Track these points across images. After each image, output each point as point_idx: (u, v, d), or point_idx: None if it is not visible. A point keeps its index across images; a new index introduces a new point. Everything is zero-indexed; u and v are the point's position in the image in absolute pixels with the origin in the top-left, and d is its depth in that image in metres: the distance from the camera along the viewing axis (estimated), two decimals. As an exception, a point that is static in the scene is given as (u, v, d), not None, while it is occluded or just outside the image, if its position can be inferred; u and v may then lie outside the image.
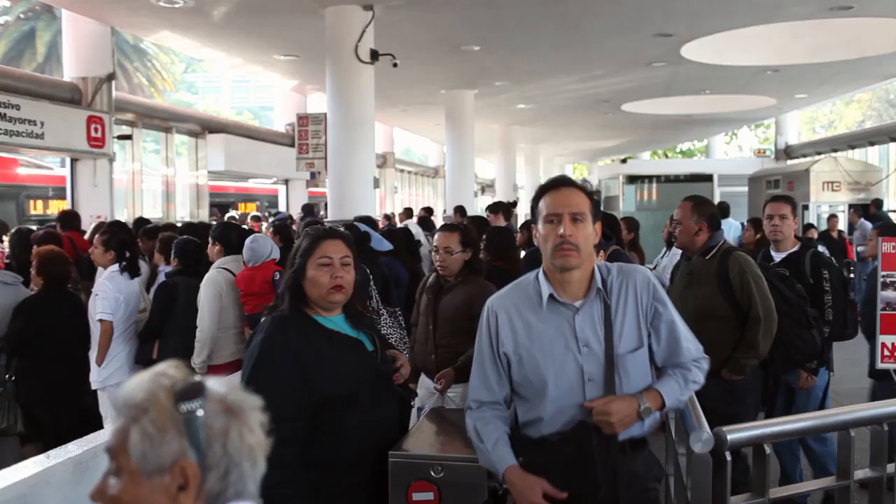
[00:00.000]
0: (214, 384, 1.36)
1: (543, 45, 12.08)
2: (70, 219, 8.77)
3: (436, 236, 4.61)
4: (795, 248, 5.04)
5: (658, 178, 21.55)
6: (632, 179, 21.67)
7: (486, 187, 33.56)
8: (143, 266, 6.74)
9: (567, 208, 2.49)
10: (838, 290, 4.88)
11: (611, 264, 2.63)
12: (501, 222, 9.38)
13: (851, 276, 6.83)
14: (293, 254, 2.86)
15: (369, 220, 7.36)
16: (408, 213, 16.56)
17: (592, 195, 2.58)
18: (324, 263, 2.77)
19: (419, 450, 2.96)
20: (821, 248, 11.92)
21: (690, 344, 2.61)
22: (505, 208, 10.24)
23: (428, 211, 15.60)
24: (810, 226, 13.65)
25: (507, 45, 12.07)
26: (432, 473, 2.80)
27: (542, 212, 2.54)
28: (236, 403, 1.34)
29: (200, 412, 1.29)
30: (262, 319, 2.88)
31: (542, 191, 2.60)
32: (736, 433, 2.72)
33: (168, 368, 1.36)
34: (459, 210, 13.50)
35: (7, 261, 6.19)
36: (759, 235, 8.57)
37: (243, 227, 8.65)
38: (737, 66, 14.08)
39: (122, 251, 5.98)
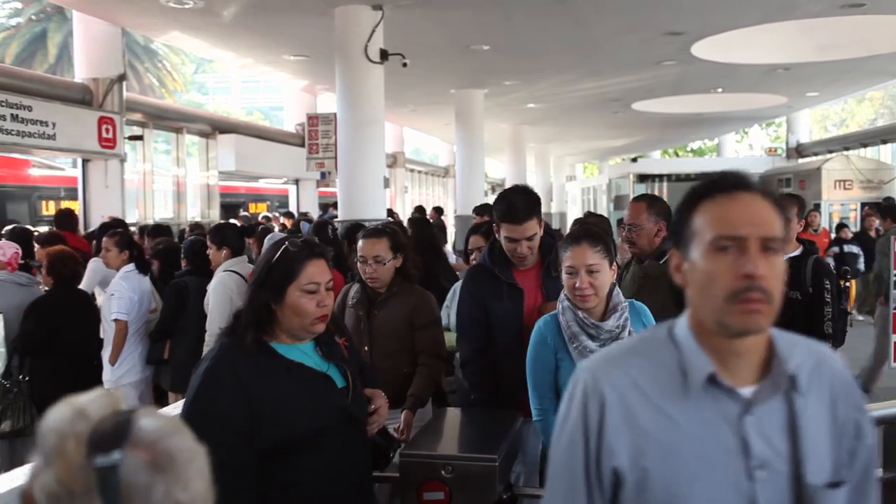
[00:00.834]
0: (147, 425, 1.12)
1: (553, 44, 12.06)
2: (66, 217, 8.80)
3: (359, 244, 3.99)
4: (797, 252, 4.59)
5: (669, 176, 21.52)
6: (642, 178, 21.65)
7: (496, 187, 33.51)
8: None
9: (756, 230, 1.45)
10: (836, 300, 4.58)
11: (786, 333, 1.58)
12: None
13: (847, 284, 6.66)
14: (262, 272, 2.47)
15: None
16: (388, 213, 16.40)
17: (783, 208, 1.59)
18: (310, 290, 2.42)
19: (430, 449, 2.95)
20: (855, 250, 11.81)
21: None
22: (491, 210, 10.23)
23: (438, 211, 15.58)
24: (843, 225, 13.45)
25: (516, 44, 12.05)
26: (443, 473, 2.79)
27: (704, 232, 1.47)
28: (167, 453, 1.11)
29: (118, 465, 1.07)
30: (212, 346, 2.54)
31: (702, 194, 1.52)
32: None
33: (91, 404, 1.14)
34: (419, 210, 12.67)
35: (21, 261, 6.22)
36: None
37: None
38: (748, 64, 14.03)
39: (133, 250, 6.01)
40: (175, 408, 3.98)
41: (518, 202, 3.64)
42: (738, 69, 14.39)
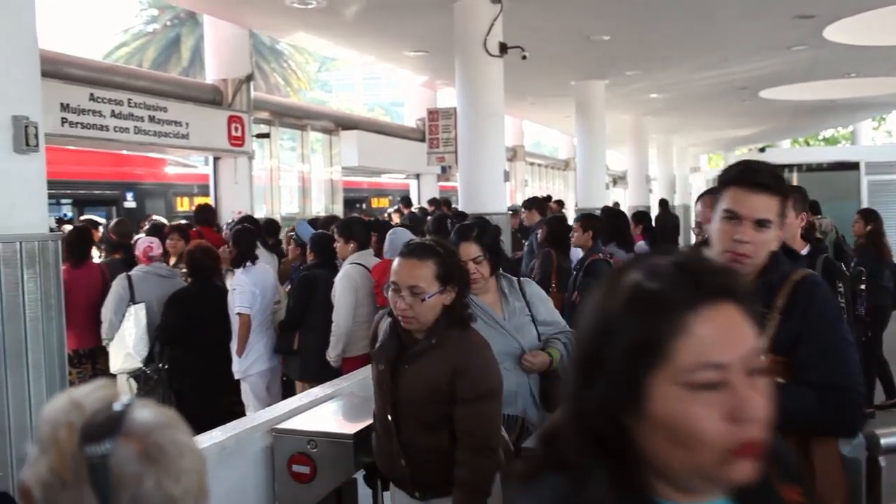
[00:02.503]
0: (140, 417, 1.11)
1: (676, 31, 11.77)
2: (203, 212, 9.12)
3: (394, 265, 2.83)
4: (804, 252, 3.87)
5: (799, 166, 20.66)
6: (771, 169, 20.86)
7: (617, 179, 33.01)
8: (272, 259, 7.01)
9: None
10: (850, 304, 4.14)
11: None
12: (536, 218, 9.35)
13: (862, 287, 6.24)
14: (591, 339, 1.13)
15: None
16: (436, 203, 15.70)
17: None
18: (708, 383, 1.05)
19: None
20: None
21: None
22: (539, 204, 10.17)
23: (560, 204, 15.44)
24: None
25: (638, 33, 11.82)
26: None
27: None
28: (159, 445, 1.10)
29: (108, 455, 1.07)
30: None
31: None
32: (891, 437, 2.57)
33: (88, 396, 1.13)
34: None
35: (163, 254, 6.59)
36: (869, 227, 7.84)
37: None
38: (885, 46, 13.31)
39: (251, 246, 6.24)
40: (303, 397, 4.08)
41: (762, 167, 2.40)
42: (875, 52, 13.68)
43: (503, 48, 9.48)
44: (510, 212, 11.00)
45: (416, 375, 2.79)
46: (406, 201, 15.64)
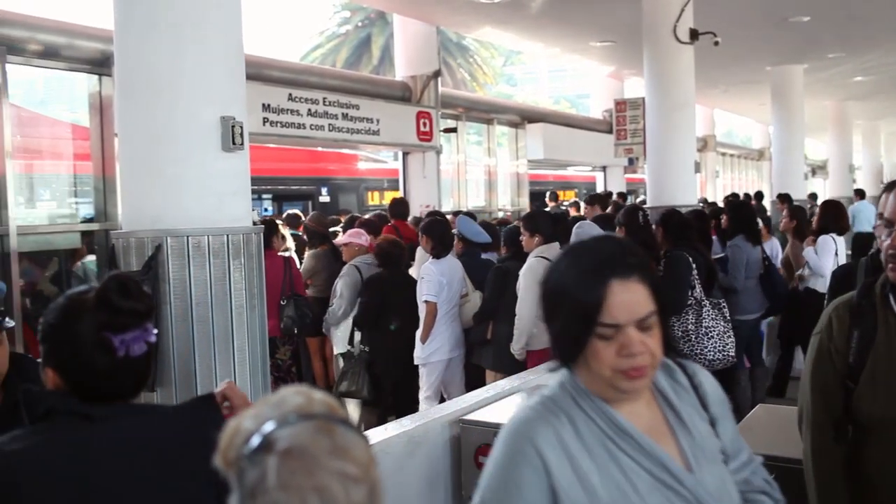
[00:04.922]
0: (290, 438, 1.05)
1: (885, 7, 10.96)
2: (397, 206, 9.40)
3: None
4: None
5: None
6: None
7: (816, 169, 31.23)
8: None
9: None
10: None
11: None
12: (598, 213, 8.93)
13: None
14: None
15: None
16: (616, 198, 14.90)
17: None
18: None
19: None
20: None
21: None
22: (601, 199, 9.76)
23: (758, 196, 14.78)
24: None
25: (841, 11, 11.12)
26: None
27: None
28: (279, 480, 1.02)
29: (248, 464, 1.04)
30: None
31: None
32: None
33: (286, 399, 1.11)
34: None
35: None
36: None
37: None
38: None
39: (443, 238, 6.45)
40: (489, 389, 4.12)
41: None
42: None
43: (694, 34, 9.18)
44: (701, 204, 10.65)
45: None
46: (553, 196, 15.58)
